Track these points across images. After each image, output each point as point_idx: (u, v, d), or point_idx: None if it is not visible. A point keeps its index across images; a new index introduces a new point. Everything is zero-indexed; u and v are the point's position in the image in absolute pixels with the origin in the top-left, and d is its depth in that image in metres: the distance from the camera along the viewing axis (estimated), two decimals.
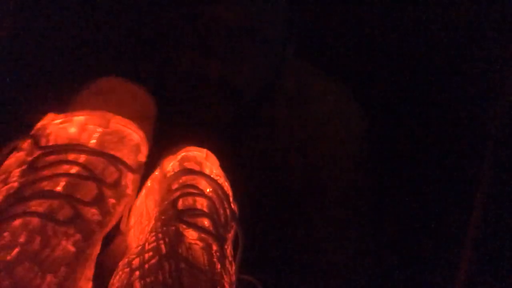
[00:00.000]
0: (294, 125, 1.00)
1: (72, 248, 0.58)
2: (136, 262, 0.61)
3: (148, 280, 0.58)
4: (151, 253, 0.61)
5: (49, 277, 0.54)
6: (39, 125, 0.70)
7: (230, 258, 0.70)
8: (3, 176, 0.63)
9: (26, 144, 0.67)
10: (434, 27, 1.09)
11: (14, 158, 0.65)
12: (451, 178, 1.07)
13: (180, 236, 0.63)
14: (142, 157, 0.76)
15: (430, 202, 1.07)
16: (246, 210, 0.90)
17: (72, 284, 0.57)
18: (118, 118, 0.73)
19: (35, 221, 0.56)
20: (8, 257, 0.53)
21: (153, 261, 0.60)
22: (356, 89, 1.06)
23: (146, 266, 0.59)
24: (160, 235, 0.63)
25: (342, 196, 1.01)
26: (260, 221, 0.92)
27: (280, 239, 0.97)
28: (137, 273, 0.59)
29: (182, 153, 0.79)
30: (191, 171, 0.74)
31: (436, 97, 1.10)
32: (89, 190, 0.64)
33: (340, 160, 1.01)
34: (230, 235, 0.74)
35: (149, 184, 0.78)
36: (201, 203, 0.70)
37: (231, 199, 0.77)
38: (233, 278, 0.68)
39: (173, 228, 0.64)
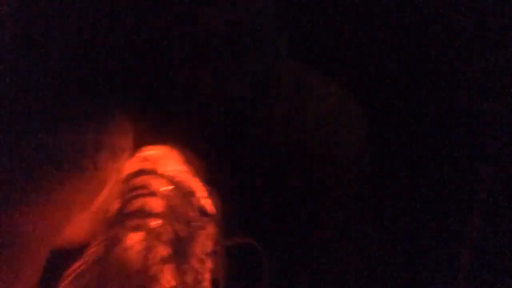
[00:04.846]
0: (294, 125, 1.00)
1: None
2: (74, 267, 0.62)
3: (72, 286, 0.58)
4: (86, 259, 0.62)
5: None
6: None
7: (201, 255, 0.69)
8: None
9: None
10: (434, 27, 1.09)
11: None
12: (451, 178, 1.07)
13: (118, 240, 0.63)
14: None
15: (430, 202, 1.07)
16: (246, 210, 0.90)
17: None
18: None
19: None
20: None
21: (83, 267, 0.61)
22: (355, 90, 1.06)
23: (78, 271, 0.61)
24: (100, 240, 0.64)
25: (342, 196, 1.01)
26: (260, 221, 0.92)
27: (279, 239, 0.97)
28: (69, 278, 0.60)
29: (139, 154, 0.78)
30: (143, 172, 0.73)
31: (436, 97, 1.10)
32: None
33: (340, 160, 1.01)
34: (204, 231, 0.73)
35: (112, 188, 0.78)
36: (152, 204, 0.69)
37: (201, 193, 0.75)
38: (199, 272, 0.68)
39: (114, 232, 0.64)
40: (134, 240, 0.64)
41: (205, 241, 0.73)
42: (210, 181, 0.79)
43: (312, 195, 0.99)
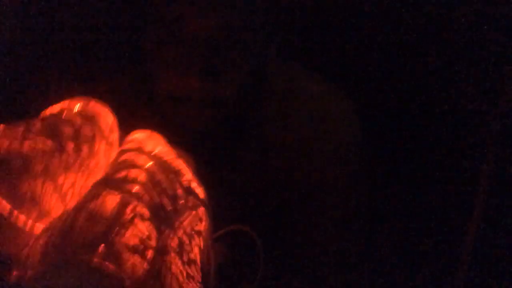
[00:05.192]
0: (287, 126, 1.00)
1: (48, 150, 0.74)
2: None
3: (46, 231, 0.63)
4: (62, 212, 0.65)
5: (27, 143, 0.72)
6: None
7: (189, 230, 0.69)
8: None
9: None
10: (432, 27, 1.09)
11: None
12: (451, 178, 1.07)
13: (96, 196, 0.64)
14: (114, 137, 0.83)
15: (430, 202, 1.07)
16: (245, 211, 0.90)
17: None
18: (96, 100, 0.83)
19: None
20: None
21: (54, 222, 0.65)
22: (349, 90, 1.05)
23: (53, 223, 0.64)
24: (79, 198, 0.67)
25: (339, 197, 1.01)
26: (257, 222, 0.92)
27: (277, 240, 0.97)
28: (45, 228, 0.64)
29: (126, 138, 0.80)
30: (129, 150, 0.74)
31: (435, 97, 1.10)
32: (68, 130, 0.78)
33: (335, 161, 1.00)
34: (193, 211, 0.72)
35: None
36: (135, 174, 0.70)
37: (189, 176, 0.75)
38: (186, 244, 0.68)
39: (94, 191, 0.65)
40: (113, 201, 0.64)
41: (194, 220, 0.72)
42: (201, 177, 0.79)
43: (308, 195, 0.99)
